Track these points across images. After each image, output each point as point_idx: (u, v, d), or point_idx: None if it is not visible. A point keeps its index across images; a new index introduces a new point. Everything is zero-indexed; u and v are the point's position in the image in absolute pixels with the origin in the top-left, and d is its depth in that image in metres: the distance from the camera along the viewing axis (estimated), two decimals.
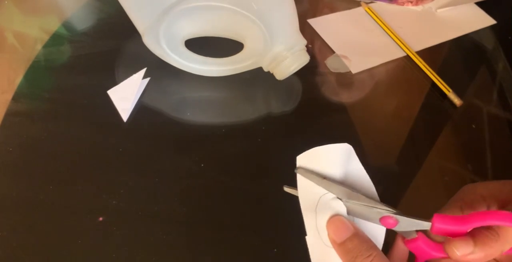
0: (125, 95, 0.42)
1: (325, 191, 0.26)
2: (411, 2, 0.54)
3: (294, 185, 0.37)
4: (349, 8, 0.54)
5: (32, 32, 0.48)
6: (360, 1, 0.54)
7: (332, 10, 0.54)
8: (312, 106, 0.44)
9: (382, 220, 0.25)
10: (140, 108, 0.42)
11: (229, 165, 0.39)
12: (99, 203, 0.36)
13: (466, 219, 0.23)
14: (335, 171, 0.26)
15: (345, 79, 0.47)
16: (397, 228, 0.25)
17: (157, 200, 0.36)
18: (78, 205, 0.35)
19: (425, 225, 0.24)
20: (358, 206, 0.25)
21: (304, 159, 0.27)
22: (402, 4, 0.55)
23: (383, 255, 0.24)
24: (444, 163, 0.41)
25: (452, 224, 0.24)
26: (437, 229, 0.24)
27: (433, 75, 0.47)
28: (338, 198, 0.26)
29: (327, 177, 0.26)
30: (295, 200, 0.37)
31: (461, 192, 0.29)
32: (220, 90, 0.45)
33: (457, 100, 0.45)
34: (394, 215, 0.25)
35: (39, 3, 0.52)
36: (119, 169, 0.38)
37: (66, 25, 0.49)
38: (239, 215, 0.36)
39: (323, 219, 0.26)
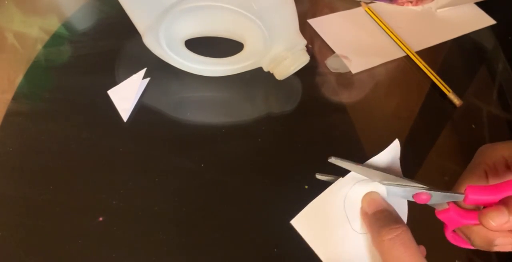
0: (125, 95, 0.42)
1: (360, 178, 0.27)
2: (411, 2, 0.54)
3: (294, 184, 0.38)
4: (349, 8, 0.54)
5: (32, 32, 0.48)
6: (360, 1, 0.55)
7: (332, 10, 0.54)
8: (312, 106, 0.44)
9: (415, 197, 0.26)
10: (140, 108, 0.42)
11: (229, 165, 0.39)
12: (99, 203, 0.36)
13: (499, 188, 0.24)
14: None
15: (345, 79, 0.47)
16: (430, 203, 0.26)
17: (157, 200, 0.36)
18: (78, 205, 0.35)
19: (458, 197, 0.25)
20: (392, 186, 0.26)
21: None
22: (402, 4, 0.55)
23: (410, 232, 0.24)
24: (444, 163, 0.41)
25: (485, 194, 0.24)
26: (470, 200, 0.24)
27: (433, 75, 0.47)
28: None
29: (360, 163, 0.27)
30: (295, 200, 0.37)
31: (481, 154, 0.29)
32: (220, 90, 0.45)
33: (457, 101, 0.45)
34: (427, 191, 0.25)
35: (39, 3, 0.52)
36: (119, 169, 0.38)
37: (66, 25, 0.49)
38: (239, 215, 0.36)
39: (356, 199, 0.26)
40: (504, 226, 0.24)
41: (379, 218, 0.25)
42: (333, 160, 0.26)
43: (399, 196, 0.26)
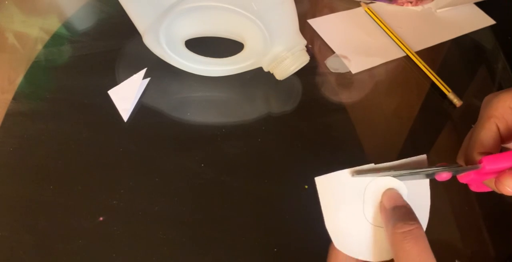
0: (126, 95, 0.42)
1: (374, 178, 0.27)
2: (411, 2, 0.54)
3: (294, 184, 0.38)
4: (349, 8, 0.54)
5: (33, 32, 0.48)
6: (360, 1, 0.55)
7: (332, 10, 0.54)
8: (312, 106, 0.44)
9: (437, 176, 0.27)
10: (141, 108, 0.42)
11: (229, 165, 0.39)
12: (99, 203, 0.36)
13: None
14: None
15: (345, 79, 0.47)
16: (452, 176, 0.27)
17: (157, 200, 0.36)
18: (78, 205, 0.35)
19: (476, 168, 0.26)
20: (415, 174, 0.27)
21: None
22: (402, 4, 0.55)
23: (424, 231, 0.24)
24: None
25: (502, 162, 0.25)
26: (488, 170, 0.25)
27: (433, 75, 0.47)
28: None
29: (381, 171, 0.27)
30: (295, 200, 0.37)
31: (488, 107, 0.29)
32: (220, 90, 0.45)
33: (456, 101, 0.45)
34: (446, 171, 0.26)
35: (40, 3, 0.52)
36: (119, 169, 0.38)
37: (67, 25, 0.49)
38: (239, 215, 0.36)
39: (373, 197, 0.27)
40: None
41: (396, 212, 0.25)
42: (356, 176, 0.27)
43: (423, 178, 0.27)
